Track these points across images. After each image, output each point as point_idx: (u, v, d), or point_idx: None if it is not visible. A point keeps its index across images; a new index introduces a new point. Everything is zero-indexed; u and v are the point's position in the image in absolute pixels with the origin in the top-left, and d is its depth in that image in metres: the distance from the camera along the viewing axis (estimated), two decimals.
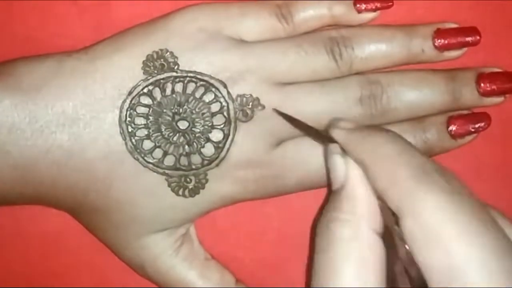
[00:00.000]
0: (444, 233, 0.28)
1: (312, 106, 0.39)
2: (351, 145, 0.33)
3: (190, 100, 0.38)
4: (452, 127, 0.41)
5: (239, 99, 0.38)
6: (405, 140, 0.32)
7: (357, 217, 0.31)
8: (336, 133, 0.34)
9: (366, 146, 0.32)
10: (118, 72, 0.38)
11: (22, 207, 0.41)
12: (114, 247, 0.41)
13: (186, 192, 0.39)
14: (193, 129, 0.38)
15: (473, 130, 0.41)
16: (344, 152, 0.33)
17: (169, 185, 0.38)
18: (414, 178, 0.29)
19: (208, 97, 0.38)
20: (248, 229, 0.44)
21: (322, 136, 0.36)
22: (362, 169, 0.32)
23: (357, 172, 0.32)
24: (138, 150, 0.38)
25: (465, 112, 0.41)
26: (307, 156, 0.40)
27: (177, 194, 0.39)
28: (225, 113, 0.38)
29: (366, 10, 0.40)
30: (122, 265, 0.42)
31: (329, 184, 0.35)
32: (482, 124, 0.41)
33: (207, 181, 0.39)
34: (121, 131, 0.38)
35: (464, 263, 0.27)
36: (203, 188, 0.39)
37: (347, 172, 0.32)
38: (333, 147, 0.34)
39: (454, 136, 0.41)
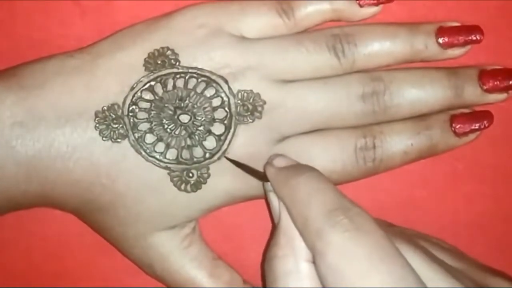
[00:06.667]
0: (346, 272, 0.30)
1: (314, 104, 0.39)
2: (275, 186, 0.35)
3: (191, 95, 0.38)
4: (456, 125, 0.40)
5: (239, 94, 0.38)
6: (320, 179, 0.34)
7: (293, 252, 0.33)
8: (268, 171, 0.36)
9: (285, 189, 0.34)
10: (120, 69, 0.38)
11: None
12: (121, 246, 0.41)
13: (188, 187, 0.38)
14: (194, 122, 0.38)
15: (476, 128, 0.41)
16: None
17: (171, 180, 0.38)
18: (320, 219, 0.31)
19: (209, 92, 0.38)
20: (252, 229, 0.44)
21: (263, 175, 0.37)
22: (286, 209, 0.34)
23: None
24: (140, 144, 0.38)
25: (467, 110, 0.41)
26: (309, 153, 0.39)
27: (179, 189, 0.38)
28: (226, 108, 0.38)
29: (368, 4, 0.40)
30: (124, 266, 0.42)
31: (272, 219, 0.37)
32: (485, 122, 0.41)
33: (209, 175, 0.39)
34: (124, 125, 0.38)
35: None
36: (205, 183, 0.39)
37: (280, 209, 0.35)
38: (267, 185, 0.36)
39: (457, 134, 0.41)
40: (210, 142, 0.38)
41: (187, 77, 0.38)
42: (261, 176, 0.37)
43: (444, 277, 0.34)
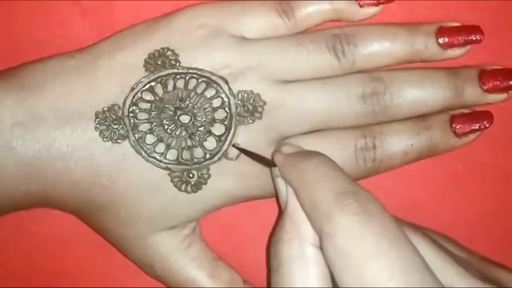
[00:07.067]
0: (354, 255, 0.30)
1: (314, 104, 0.39)
2: (284, 171, 0.35)
3: (191, 95, 0.38)
4: (456, 125, 0.40)
5: (240, 94, 0.38)
6: (329, 164, 0.34)
7: (299, 236, 0.33)
8: (276, 157, 0.36)
9: (294, 172, 0.34)
10: (120, 70, 0.38)
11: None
12: (121, 246, 0.41)
13: (189, 188, 0.38)
14: (195, 123, 0.38)
15: (476, 128, 0.41)
16: None
17: (171, 180, 0.38)
18: (329, 202, 0.31)
19: (210, 93, 0.38)
20: (252, 229, 0.44)
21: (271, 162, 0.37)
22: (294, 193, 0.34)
23: None
24: (141, 144, 0.38)
25: (467, 110, 0.41)
26: None
27: (180, 190, 0.38)
28: (226, 108, 0.38)
29: (368, 4, 0.40)
30: (124, 266, 0.42)
31: (279, 204, 0.37)
32: (485, 122, 0.41)
33: (209, 176, 0.39)
34: (124, 126, 0.38)
35: (375, 283, 0.29)
36: (206, 183, 0.39)
37: (287, 193, 0.34)
38: (275, 170, 0.36)
39: (457, 134, 0.41)
40: (211, 143, 0.38)
41: (187, 78, 0.38)
42: (269, 163, 0.37)
43: (453, 266, 0.34)
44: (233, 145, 0.38)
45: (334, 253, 0.30)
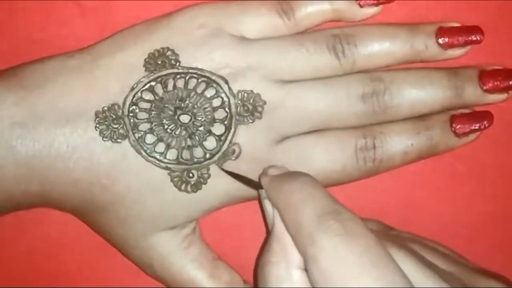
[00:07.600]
0: (338, 277, 0.30)
1: (314, 104, 0.39)
2: (269, 193, 0.35)
3: (191, 95, 0.38)
4: (456, 125, 0.40)
5: (240, 94, 0.38)
6: (313, 184, 0.34)
7: (286, 259, 0.33)
8: (262, 180, 0.36)
9: (279, 195, 0.34)
10: (120, 69, 0.38)
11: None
12: (121, 246, 0.41)
13: (189, 187, 0.38)
14: (195, 122, 0.38)
15: (476, 128, 0.41)
16: None
17: (171, 180, 0.38)
18: (312, 224, 0.31)
19: (210, 93, 0.38)
20: (252, 229, 0.43)
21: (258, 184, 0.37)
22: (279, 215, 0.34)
23: None
24: (141, 144, 0.38)
25: (467, 110, 0.41)
26: (309, 153, 0.39)
27: (180, 189, 0.38)
28: (226, 108, 0.38)
29: (368, 4, 0.40)
30: (124, 266, 0.42)
31: (266, 225, 0.37)
32: (485, 122, 0.41)
33: (209, 176, 0.39)
34: (124, 126, 0.38)
35: None
36: (205, 183, 0.39)
37: (274, 216, 0.34)
38: (262, 192, 0.36)
39: (457, 134, 0.41)
40: (210, 143, 0.38)
41: (187, 78, 0.38)
42: (257, 185, 0.37)
43: (435, 281, 0.34)
44: (221, 168, 0.38)
45: (318, 275, 0.31)
